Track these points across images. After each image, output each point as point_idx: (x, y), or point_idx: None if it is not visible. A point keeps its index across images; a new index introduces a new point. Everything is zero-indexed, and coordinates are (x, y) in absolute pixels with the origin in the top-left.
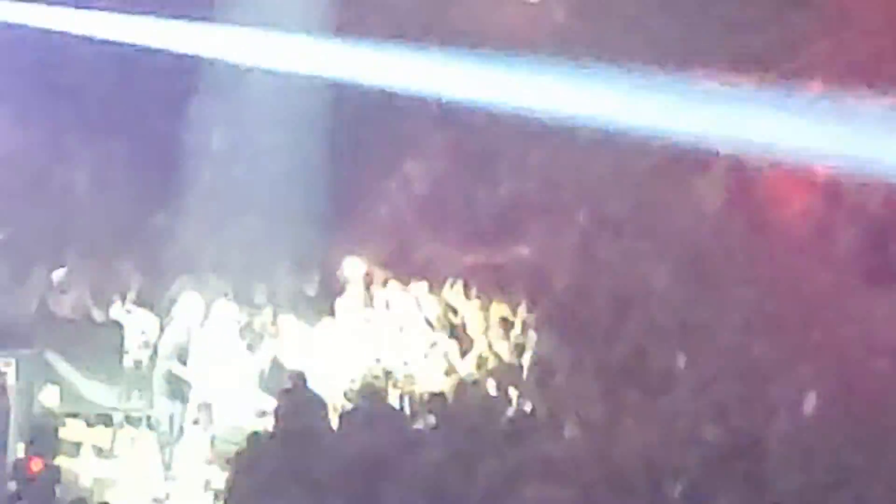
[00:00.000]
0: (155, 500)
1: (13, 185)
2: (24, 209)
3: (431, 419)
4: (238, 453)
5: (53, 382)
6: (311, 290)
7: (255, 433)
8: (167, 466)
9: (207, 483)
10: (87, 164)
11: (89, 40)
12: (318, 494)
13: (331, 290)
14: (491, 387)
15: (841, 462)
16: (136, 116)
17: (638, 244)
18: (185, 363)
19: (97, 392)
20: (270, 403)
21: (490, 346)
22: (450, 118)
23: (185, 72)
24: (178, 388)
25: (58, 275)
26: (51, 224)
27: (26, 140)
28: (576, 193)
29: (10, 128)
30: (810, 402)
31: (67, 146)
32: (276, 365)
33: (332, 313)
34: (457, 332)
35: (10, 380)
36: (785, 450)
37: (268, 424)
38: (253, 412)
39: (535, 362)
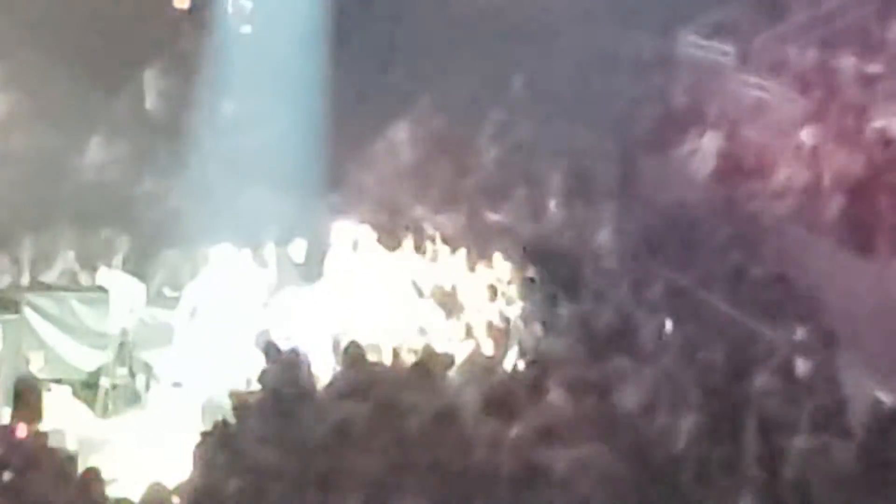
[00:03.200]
0: (141, 463)
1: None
2: (11, 175)
3: (418, 386)
4: (223, 418)
5: (39, 348)
6: (299, 256)
7: (241, 397)
8: (151, 431)
9: (192, 447)
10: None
11: None
12: (303, 461)
13: (318, 256)
14: (479, 352)
15: None
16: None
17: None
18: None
19: (83, 358)
20: (257, 368)
21: (478, 312)
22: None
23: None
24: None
25: None
26: (38, 190)
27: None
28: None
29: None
30: None
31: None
32: (263, 330)
33: (319, 278)
34: (445, 299)
35: None
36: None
37: (253, 389)
38: (239, 376)
39: (523, 327)
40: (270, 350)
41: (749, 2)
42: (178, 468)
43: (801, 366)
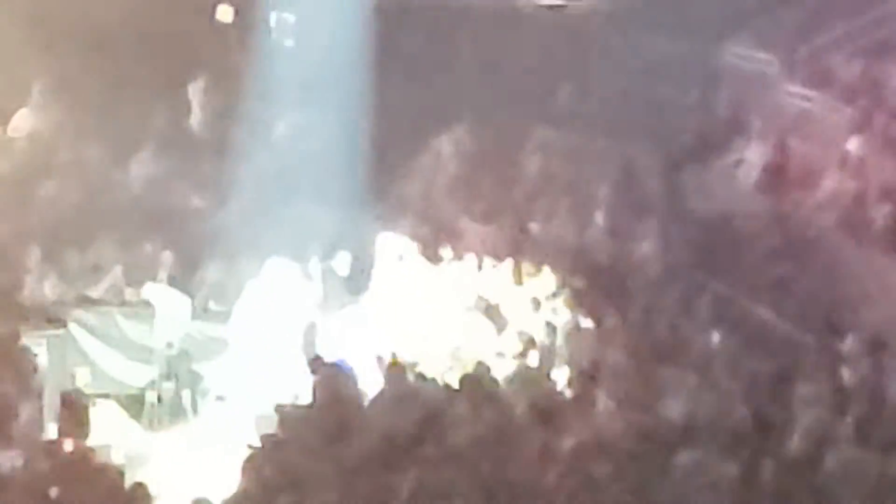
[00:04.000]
0: (187, 478)
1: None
2: (57, 191)
3: (464, 399)
4: (270, 432)
5: (84, 363)
6: (345, 270)
7: (288, 411)
8: (198, 444)
9: (239, 461)
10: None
11: None
12: (350, 475)
13: (364, 269)
14: (525, 365)
15: None
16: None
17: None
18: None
19: (129, 372)
20: (303, 382)
21: (524, 324)
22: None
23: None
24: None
25: None
26: (83, 206)
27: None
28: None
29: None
30: None
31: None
32: (309, 343)
33: (365, 292)
34: (491, 311)
35: (43, 360)
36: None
37: (300, 402)
38: (285, 390)
39: (568, 340)
40: (317, 364)
41: (793, 12)
42: (225, 482)
43: (848, 375)
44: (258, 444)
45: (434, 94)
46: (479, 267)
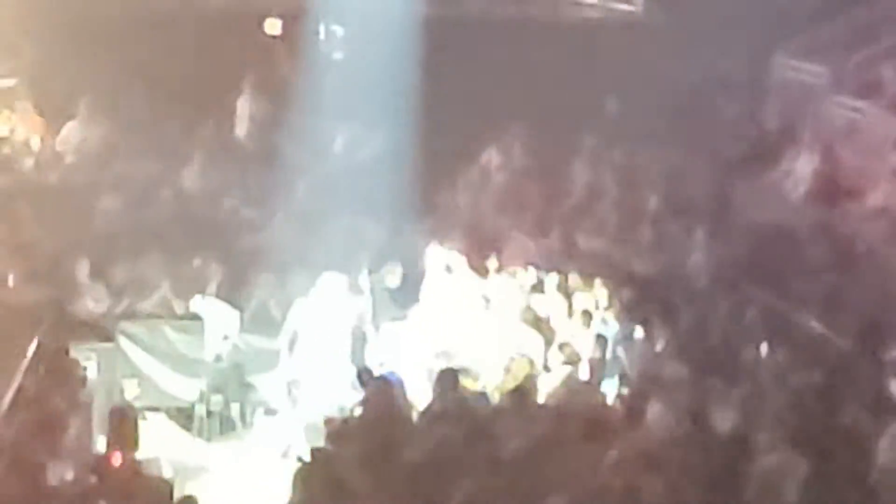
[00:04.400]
0: (237, 491)
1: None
2: (106, 205)
3: (514, 411)
4: (320, 444)
5: (133, 376)
6: (394, 282)
7: (337, 424)
8: (247, 457)
9: (289, 474)
10: (166, 160)
11: None
12: (399, 486)
13: (413, 282)
14: (574, 378)
15: None
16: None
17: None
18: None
19: (178, 385)
20: (354, 394)
21: (573, 337)
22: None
23: None
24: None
25: None
26: (132, 219)
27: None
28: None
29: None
30: None
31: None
32: (358, 356)
33: (414, 305)
34: (540, 324)
35: (92, 374)
36: None
37: (350, 415)
38: (335, 403)
39: (618, 352)
40: (366, 377)
41: (842, 23)
42: (275, 496)
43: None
44: (308, 457)
45: (482, 107)
46: (528, 279)
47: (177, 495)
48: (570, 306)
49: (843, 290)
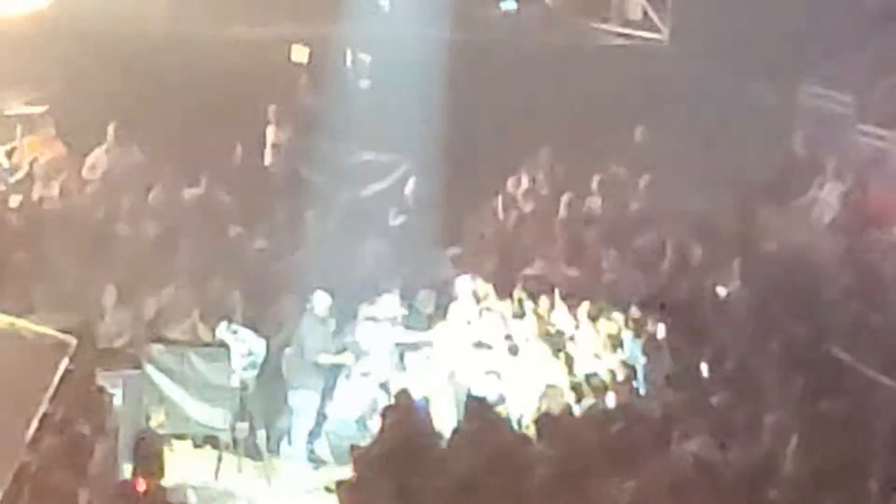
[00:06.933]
0: None
1: (123, 206)
2: (131, 233)
3: (540, 437)
4: (345, 471)
5: (160, 403)
6: (422, 309)
7: (363, 451)
8: (273, 485)
9: (314, 500)
10: (192, 187)
11: None
12: None
13: (440, 309)
14: (602, 404)
15: None
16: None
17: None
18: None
19: (203, 412)
20: (381, 421)
21: (600, 364)
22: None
23: None
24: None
25: None
26: (159, 246)
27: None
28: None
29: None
30: None
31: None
32: (384, 384)
33: (441, 331)
34: (567, 350)
35: (118, 400)
36: None
37: (373, 444)
38: (363, 429)
39: (645, 378)
40: (393, 402)
41: (868, 52)
42: None
43: None
44: (334, 485)
45: (509, 135)
46: (555, 306)
47: None
48: (598, 333)
49: (870, 318)
